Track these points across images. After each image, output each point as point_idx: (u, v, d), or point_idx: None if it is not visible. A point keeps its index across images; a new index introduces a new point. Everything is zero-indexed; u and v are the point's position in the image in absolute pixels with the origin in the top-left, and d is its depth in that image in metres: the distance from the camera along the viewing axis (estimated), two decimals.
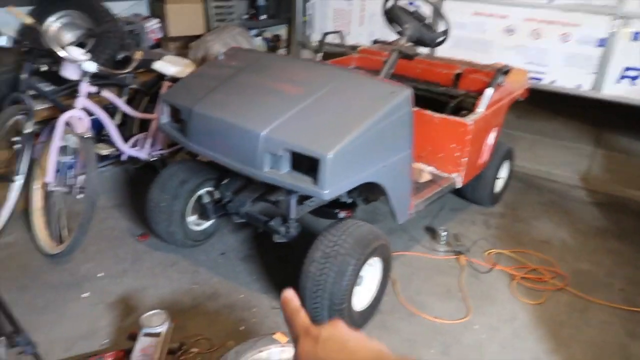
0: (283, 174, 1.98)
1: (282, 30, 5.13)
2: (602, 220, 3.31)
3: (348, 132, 1.91)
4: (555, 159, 4.19)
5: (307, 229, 2.85)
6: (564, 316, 2.45)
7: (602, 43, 3.26)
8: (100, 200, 2.92)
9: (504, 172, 3.45)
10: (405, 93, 2.08)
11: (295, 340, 0.52)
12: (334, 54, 3.79)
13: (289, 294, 0.57)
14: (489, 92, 2.74)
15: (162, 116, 2.43)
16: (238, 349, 1.78)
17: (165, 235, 2.62)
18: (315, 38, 4.60)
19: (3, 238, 2.70)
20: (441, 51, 3.68)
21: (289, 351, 1.83)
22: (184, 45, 4.03)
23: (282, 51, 4.95)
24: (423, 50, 3.31)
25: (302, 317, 0.54)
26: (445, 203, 3.29)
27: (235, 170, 2.13)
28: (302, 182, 1.94)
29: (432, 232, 3.02)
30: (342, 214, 2.61)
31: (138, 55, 2.91)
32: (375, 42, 3.68)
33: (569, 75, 3.46)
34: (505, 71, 2.78)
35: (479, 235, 3.05)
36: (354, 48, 3.61)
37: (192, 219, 2.68)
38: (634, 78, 3.26)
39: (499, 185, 3.42)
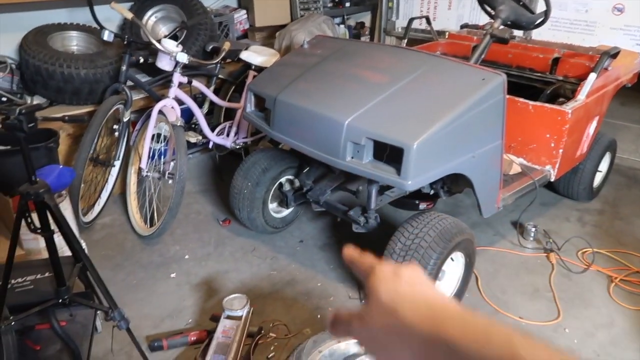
0: (365, 164, 1.94)
1: (366, 18, 5.06)
2: None
3: (434, 121, 1.83)
4: None
5: (386, 220, 2.80)
6: None
7: None
8: (188, 185, 3.06)
9: (604, 165, 3.17)
10: (498, 80, 1.95)
11: (364, 278, 0.48)
12: (419, 40, 3.66)
13: (350, 249, 0.53)
14: (592, 77, 2.51)
15: (247, 105, 2.48)
16: (316, 338, 1.78)
17: (247, 221, 2.68)
18: (400, 24, 4.48)
19: (101, 219, 2.92)
20: (537, 34, 3.43)
21: None
22: (269, 35, 4.09)
23: (365, 39, 4.88)
24: (517, 33, 3.10)
25: (370, 258, 0.50)
26: (536, 197, 3.09)
27: (316, 159, 2.12)
28: (384, 172, 1.89)
29: (519, 227, 2.84)
30: (422, 206, 2.53)
31: (226, 46, 2.99)
32: (464, 26, 3.51)
33: None
34: (614, 54, 2.53)
35: (572, 233, 2.83)
36: (441, 33, 3.47)
37: (272, 206, 2.73)
38: None
39: (597, 179, 3.15)
